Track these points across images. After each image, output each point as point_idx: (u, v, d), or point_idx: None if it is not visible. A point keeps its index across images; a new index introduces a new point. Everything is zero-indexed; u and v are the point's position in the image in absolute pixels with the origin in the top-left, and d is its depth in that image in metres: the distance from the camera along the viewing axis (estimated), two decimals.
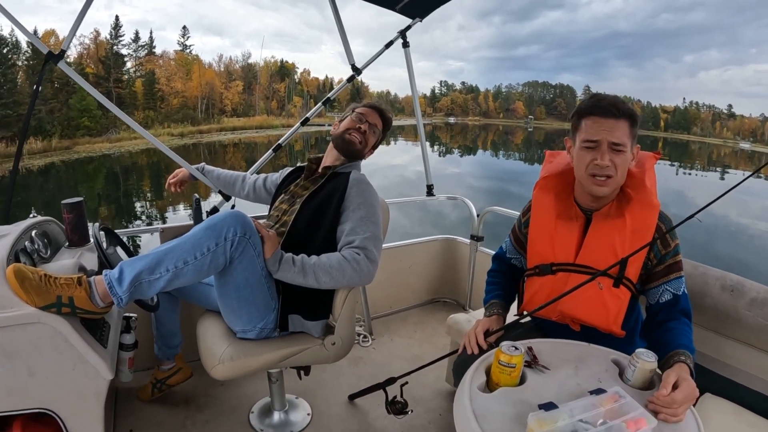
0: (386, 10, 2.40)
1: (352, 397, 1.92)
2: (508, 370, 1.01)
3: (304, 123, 2.50)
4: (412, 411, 1.71)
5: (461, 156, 45.36)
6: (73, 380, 1.14)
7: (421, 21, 2.51)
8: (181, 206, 18.24)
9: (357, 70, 2.47)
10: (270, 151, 2.33)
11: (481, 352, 1.27)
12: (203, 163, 1.95)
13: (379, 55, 2.54)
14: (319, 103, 2.51)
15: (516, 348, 1.02)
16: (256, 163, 2.26)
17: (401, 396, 1.67)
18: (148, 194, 22.38)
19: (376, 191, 1.55)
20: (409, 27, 2.53)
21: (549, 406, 0.90)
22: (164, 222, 16.45)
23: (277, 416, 1.77)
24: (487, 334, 1.29)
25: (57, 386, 1.14)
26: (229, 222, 1.25)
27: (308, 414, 1.82)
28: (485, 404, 0.95)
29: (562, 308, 1.28)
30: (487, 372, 1.07)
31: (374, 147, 1.72)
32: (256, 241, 1.30)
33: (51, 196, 19.52)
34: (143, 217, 17.65)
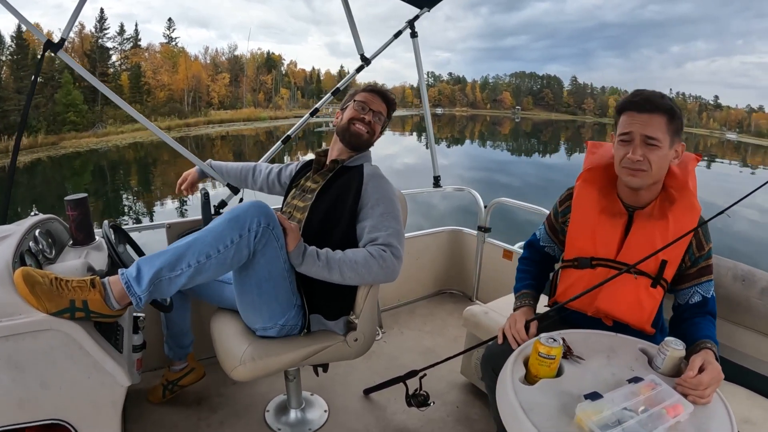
0: (395, 1, 2.33)
1: (367, 392, 1.89)
2: (547, 361, 1.02)
3: (313, 114, 2.47)
4: (433, 403, 1.69)
5: (449, 147, 45.33)
6: (88, 389, 1.09)
7: (428, 10, 2.46)
8: (168, 200, 18.00)
9: (366, 60, 2.41)
10: (279, 142, 2.29)
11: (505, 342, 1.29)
12: (210, 160, 1.88)
13: (388, 44, 2.49)
14: (328, 94, 2.45)
15: (554, 340, 1.03)
16: (266, 154, 2.22)
17: (421, 389, 1.65)
18: (135, 189, 22.13)
19: (392, 184, 1.50)
20: (417, 17, 2.48)
21: (594, 396, 0.91)
22: (151, 217, 16.20)
23: (293, 414, 1.73)
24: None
25: (71, 396, 1.08)
26: (252, 213, 1.20)
27: (325, 411, 1.78)
28: (529, 397, 0.96)
29: (599, 304, 1.28)
30: (524, 364, 1.07)
31: (382, 132, 1.64)
32: (279, 232, 1.25)
33: (38, 193, 19.14)
34: (131, 213, 17.37)
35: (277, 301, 1.34)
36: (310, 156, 1.70)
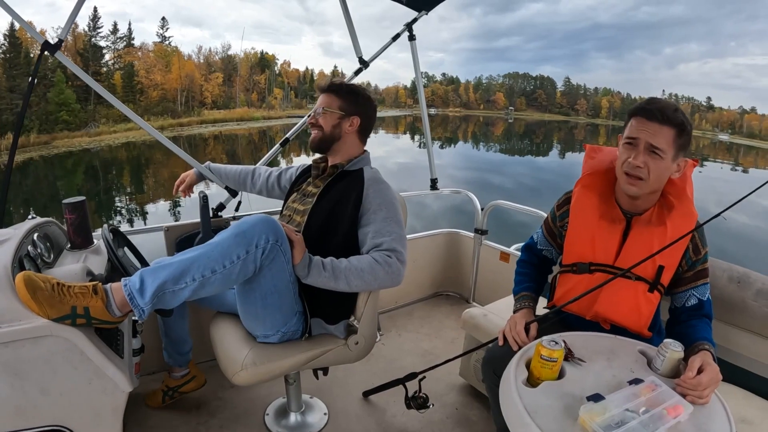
0: (389, 2, 2.33)
1: (366, 394, 1.89)
2: (549, 364, 1.03)
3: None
4: (433, 405, 1.70)
5: (442, 147, 45.32)
6: (89, 395, 1.08)
7: (426, 13, 2.45)
8: (161, 200, 17.86)
9: (364, 63, 2.39)
10: (278, 145, 2.27)
11: (506, 344, 1.30)
12: (209, 162, 1.87)
13: (386, 47, 2.48)
14: None
15: (556, 342, 1.04)
16: (265, 157, 2.20)
17: (421, 391, 1.66)
18: (128, 189, 21.96)
19: (392, 188, 1.50)
20: (415, 20, 2.46)
21: (597, 398, 0.92)
22: (145, 218, 16.10)
23: (293, 418, 1.72)
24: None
25: (72, 403, 1.07)
26: (260, 229, 1.18)
27: (325, 414, 1.78)
28: (533, 399, 0.96)
29: (598, 309, 1.30)
30: (527, 366, 1.08)
31: (346, 117, 1.50)
32: (287, 247, 1.24)
33: (30, 193, 18.95)
34: (124, 213, 17.22)
35: (281, 312, 1.33)
36: (304, 156, 1.69)
